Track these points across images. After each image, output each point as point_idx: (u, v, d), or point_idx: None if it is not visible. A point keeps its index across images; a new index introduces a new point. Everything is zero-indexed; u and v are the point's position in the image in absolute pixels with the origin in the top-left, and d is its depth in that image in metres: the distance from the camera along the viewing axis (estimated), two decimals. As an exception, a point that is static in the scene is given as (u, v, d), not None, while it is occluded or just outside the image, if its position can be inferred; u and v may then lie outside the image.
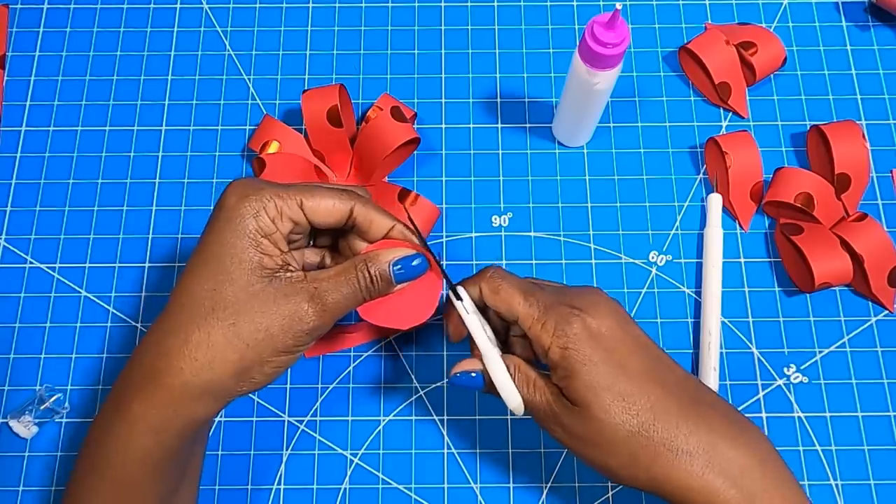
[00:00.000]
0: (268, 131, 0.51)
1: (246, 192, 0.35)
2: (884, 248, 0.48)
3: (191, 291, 0.34)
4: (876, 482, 0.45)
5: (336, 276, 0.36)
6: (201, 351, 0.34)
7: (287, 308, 0.34)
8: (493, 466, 0.46)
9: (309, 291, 0.35)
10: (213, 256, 0.34)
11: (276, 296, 0.34)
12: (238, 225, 0.34)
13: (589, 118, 0.50)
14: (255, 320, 0.34)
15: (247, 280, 0.34)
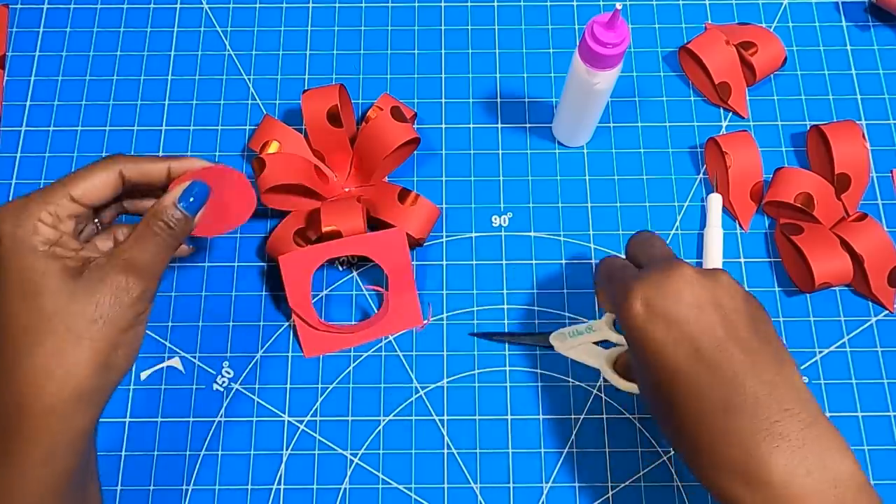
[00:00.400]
0: (268, 131, 0.51)
1: (16, 217, 0.35)
2: (884, 248, 0.48)
3: (13, 319, 0.34)
4: (876, 482, 0.45)
5: (136, 238, 0.36)
6: (53, 364, 0.33)
7: (107, 289, 0.35)
8: (493, 466, 0.46)
9: (119, 265, 0.35)
10: (16, 284, 0.34)
11: (92, 285, 0.35)
12: (23, 249, 0.35)
13: (589, 118, 0.50)
14: (87, 314, 0.34)
15: (59, 288, 0.34)
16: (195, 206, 0.38)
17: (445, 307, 0.49)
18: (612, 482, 0.46)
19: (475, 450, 0.46)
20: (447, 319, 0.49)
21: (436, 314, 0.49)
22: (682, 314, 0.34)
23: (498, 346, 0.48)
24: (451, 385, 0.48)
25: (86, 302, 0.34)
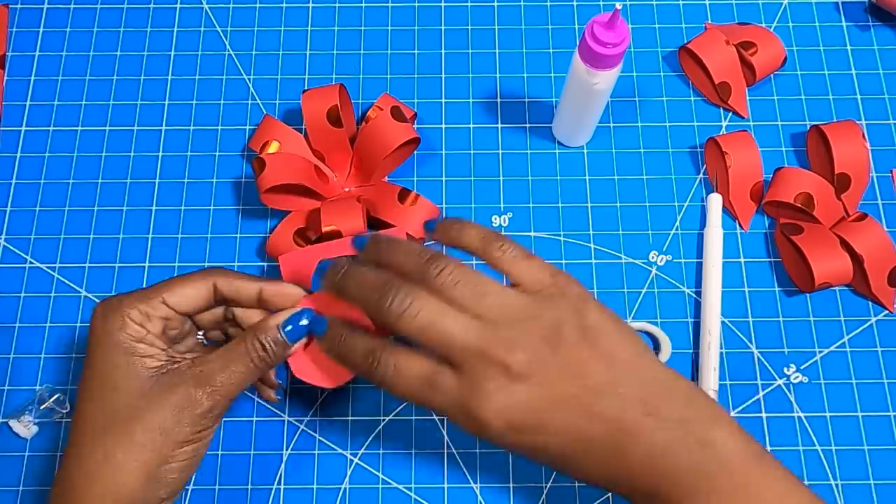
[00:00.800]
0: (268, 131, 0.51)
1: (106, 312, 0.36)
2: (884, 248, 0.48)
3: (84, 414, 0.35)
4: (876, 482, 0.45)
5: (223, 354, 0.36)
6: (107, 471, 0.34)
7: (175, 398, 0.35)
8: (493, 466, 0.46)
9: (194, 376, 0.35)
10: (96, 377, 0.35)
11: (163, 390, 0.35)
12: (108, 343, 0.35)
13: (589, 118, 0.50)
14: (148, 421, 0.34)
15: (136, 386, 0.35)
16: (296, 335, 0.37)
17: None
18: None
19: (475, 450, 0.46)
20: (447, 319, 0.49)
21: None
22: (543, 417, 0.32)
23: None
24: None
25: (153, 408, 0.34)
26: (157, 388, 0.35)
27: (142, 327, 0.36)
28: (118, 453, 0.34)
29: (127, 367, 0.35)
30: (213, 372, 0.36)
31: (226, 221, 0.51)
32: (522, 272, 0.35)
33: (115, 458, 0.34)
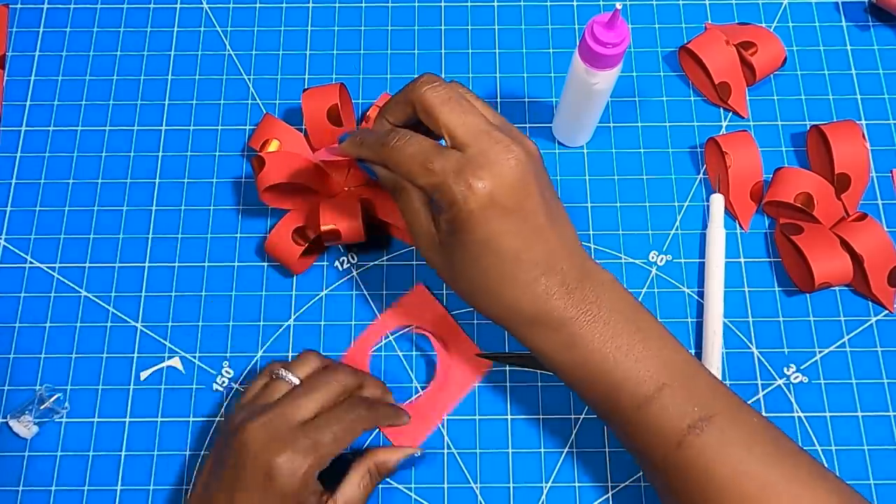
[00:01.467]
0: (268, 130, 0.51)
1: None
2: (884, 248, 0.48)
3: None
4: (876, 482, 0.45)
5: (345, 484, 0.41)
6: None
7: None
8: (493, 466, 0.46)
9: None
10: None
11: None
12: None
13: (589, 118, 0.50)
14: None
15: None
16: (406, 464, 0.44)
17: (445, 307, 0.49)
18: (612, 482, 0.46)
19: (475, 450, 0.46)
20: (447, 319, 0.49)
21: (436, 314, 0.49)
22: (518, 203, 0.36)
23: (498, 347, 0.48)
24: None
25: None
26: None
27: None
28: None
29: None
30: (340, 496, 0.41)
31: (226, 221, 0.51)
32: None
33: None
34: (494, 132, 0.36)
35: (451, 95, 0.37)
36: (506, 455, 0.46)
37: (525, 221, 0.36)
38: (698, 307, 0.49)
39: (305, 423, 0.39)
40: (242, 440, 0.38)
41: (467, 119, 0.36)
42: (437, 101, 0.36)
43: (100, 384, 0.47)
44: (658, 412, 0.37)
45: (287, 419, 0.39)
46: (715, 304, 0.48)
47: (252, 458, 0.38)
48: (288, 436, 0.38)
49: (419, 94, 0.37)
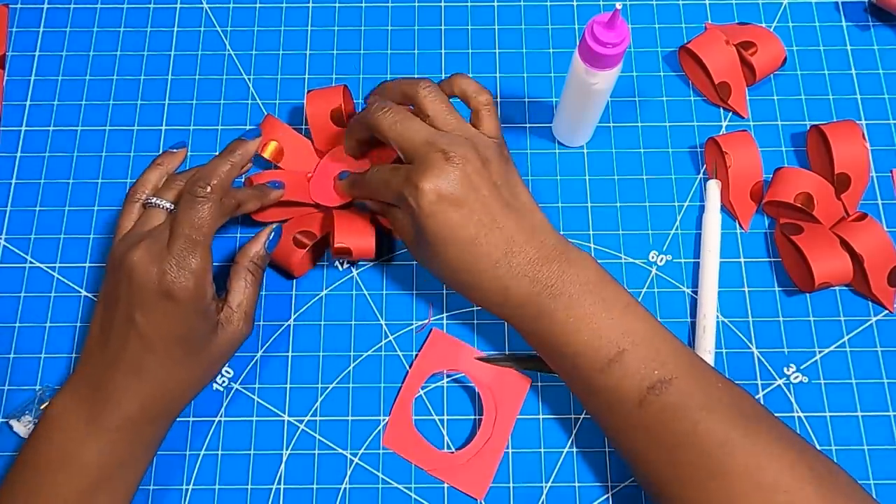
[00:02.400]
0: (269, 131, 0.51)
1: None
2: (884, 248, 0.48)
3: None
4: (876, 482, 0.45)
5: (234, 292, 0.45)
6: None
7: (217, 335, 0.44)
8: (493, 466, 0.46)
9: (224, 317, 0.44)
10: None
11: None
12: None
13: (589, 118, 0.50)
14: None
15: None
16: (273, 244, 0.46)
17: (446, 307, 0.49)
18: (612, 482, 0.46)
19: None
20: (447, 319, 0.49)
21: (436, 314, 0.49)
22: (462, 198, 0.41)
23: (498, 347, 0.48)
24: (450, 385, 0.48)
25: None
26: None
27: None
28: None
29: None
30: (231, 301, 0.44)
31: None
32: (485, 120, 0.44)
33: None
34: (438, 141, 0.41)
35: (397, 118, 0.42)
36: (506, 455, 0.46)
37: (475, 211, 0.41)
38: (697, 306, 0.49)
39: (171, 239, 0.41)
40: (129, 268, 0.40)
41: (412, 135, 0.42)
42: (385, 125, 0.43)
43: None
44: (619, 374, 0.40)
45: (160, 241, 0.41)
46: (709, 285, 0.48)
47: (143, 283, 0.40)
48: (162, 253, 0.41)
49: (371, 119, 0.43)
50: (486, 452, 0.46)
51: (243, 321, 0.44)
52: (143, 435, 0.42)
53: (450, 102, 0.44)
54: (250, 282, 0.45)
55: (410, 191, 0.41)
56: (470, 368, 0.47)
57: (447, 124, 0.43)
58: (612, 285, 0.42)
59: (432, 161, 0.41)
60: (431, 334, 0.48)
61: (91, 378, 0.41)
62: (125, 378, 0.41)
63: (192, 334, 0.42)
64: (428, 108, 0.43)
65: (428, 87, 0.43)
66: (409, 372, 0.47)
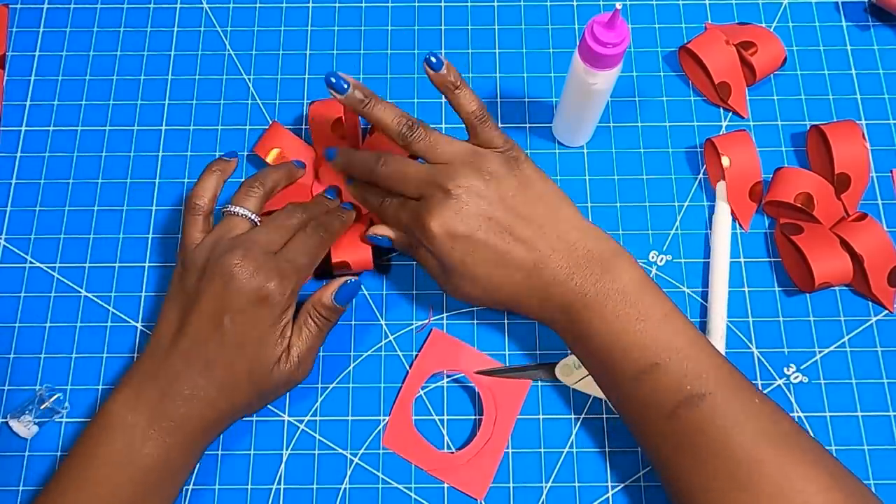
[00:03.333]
0: (273, 138, 0.51)
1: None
2: (884, 248, 0.48)
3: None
4: (876, 482, 0.45)
5: (298, 335, 0.43)
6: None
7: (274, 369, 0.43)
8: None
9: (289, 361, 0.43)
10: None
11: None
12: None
13: (589, 118, 0.50)
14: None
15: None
16: (344, 297, 0.44)
17: (446, 307, 0.49)
18: (612, 482, 0.46)
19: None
20: (447, 319, 0.49)
21: (436, 314, 0.49)
22: (472, 228, 0.41)
23: (498, 347, 0.48)
24: (450, 385, 0.48)
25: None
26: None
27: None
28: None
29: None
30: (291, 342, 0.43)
31: (226, 221, 0.51)
32: (481, 133, 0.44)
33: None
34: (435, 177, 0.42)
35: (393, 169, 0.44)
36: (506, 455, 0.46)
37: (491, 234, 0.41)
38: (698, 307, 0.49)
39: (278, 252, 0.43)
40: (229, 273, 0.40)
41: (411, 179, 0.43)
42: (383, 178, 0.44)
43: (100, 384, 0.47)
44: (650, 387, 0.39)
45: (264, 250, 0.42)
46: (720, 279, 0.48)
47: (240, 286, 0.40)
48: (271, 263, 0.41)
49: (371, 174, 0.45)
50: (487, 452, 0.46)
51: (296, 365, 0.43)
52: (197, 444, 0.41)
53: (437, 133, 0.44)
54: (312, 329, 0.43)
55: (421, 233, 0.42)
56: (470, 368, 0.47)
57: (442, 156, 0.43)
58: (650, 293, 0.41)
59: (435, 200, 0.42)
60: (431, 334, 0.48)
61: (158, 377, 0.41)
62: (196, 381, 0.40)
63: (263, 351, 0.41)
64: (418, 150, 0.44)
65: (415, 129, 0.43)
66: (409, 372, 0.47)
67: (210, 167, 0.45)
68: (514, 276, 0.42)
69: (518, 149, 0.44)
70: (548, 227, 0.42)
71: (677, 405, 0.38)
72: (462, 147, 0.44)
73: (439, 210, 0.41)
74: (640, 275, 0.41)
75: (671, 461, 0.39)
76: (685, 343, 0.39)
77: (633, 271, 0.41)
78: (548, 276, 0.41)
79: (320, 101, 0.51)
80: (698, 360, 0.39)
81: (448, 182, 0.42)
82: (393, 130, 0.43)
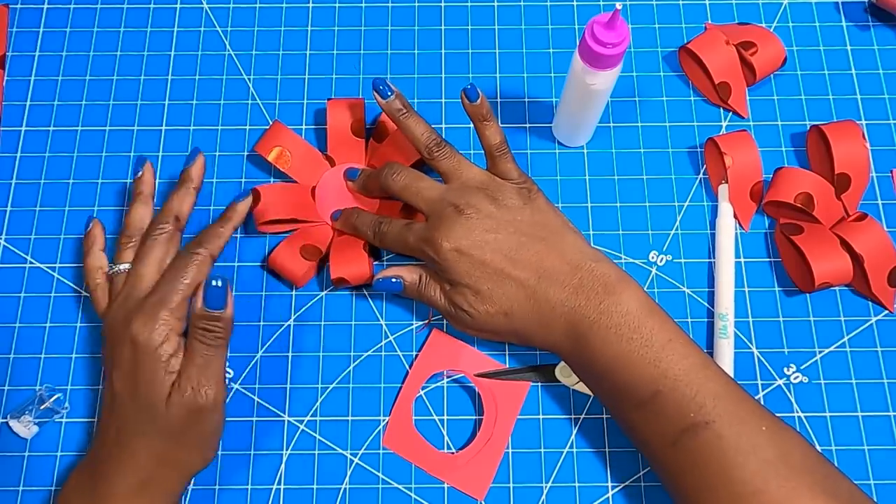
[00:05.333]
0: (275, 137, 0.51)
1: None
2: (884, 248, 0.48)
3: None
4: (876, 482, 0.45)
5: (186, 358, 0.41)
6: None
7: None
8: (493, 466, 0.46)
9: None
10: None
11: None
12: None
13: (589, 118, 0.50)
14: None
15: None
16: (214, 302, 0.41)
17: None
18: (612, 482, 0.46)
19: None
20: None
21: (436, 314, 0.49)
22: (478, 245, 0.43)
23: (498, 347, 0.48)
24: (450, 385, 0.48)
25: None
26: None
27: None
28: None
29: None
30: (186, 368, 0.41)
31: (226, 221, 0.51)
32: (499, 164, 0.46)
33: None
34: (448, 196, 0.44)
35: (406, 182, 0.46)
36: (507, 455, 0.46)
37: (498, 251, 0.43)
38: (698, 306, 0.49)
39: (150, 292, 0.42)
40: (107, 327, 0.42)
41: (425, 195, 0.45)
42: (397, 189, 0.46)
43: (100, 384, 0.47)
44: (653, 415, 0.39)
45: (134, 295, 0.43)
46: (726, 282, 0.48)
47: (118, 336, 0.41)
48: (138, 306, 0.42)
49: (386, 182, 0.46)
50: (487, 453, 0.46)
51: (192, 390, 0.40)
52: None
53: (461, 156, 0.46)
54: (197, 347, 0.41)
55: (430, 247, 0.43)
56: (470, 369, 0.47)
57: (461, 178, 0.45)
58: (655, 319, 0.40)
59: (446, 216, 0.43)
60: (431, 334, 0.48)
61: (97, 453, 0.41)
62: (119, 450, 0.40)
63: (153, 391, 0.40)
64: (441, 167, 0.46)
65: (440, 149, 0.46)
66: (409, 372, 0.47)
67: (86, 241, 0.47)
68: (517, 295, 0.42)
69: (532, 183, 0.46)
70: (552, 250, 0.43)
71: (680, 433, 0.38)
72: (481, 173, 0.46)
73: (449, 225, 0.43)
74: (644, 299, 0.41)
75: (678, 488, 0.39)
76: (689, 369, 0.39)
77: (637, 296, 0.41)
78: (552, 296, 0.41)
79: (338, 100, 0.51)
80: (703, 387, 0.39)
81: (461, 201, 0.44)
82: (421, 143, 0.46)
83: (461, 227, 0.43)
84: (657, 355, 0.39)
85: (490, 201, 0.44)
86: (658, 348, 0.39)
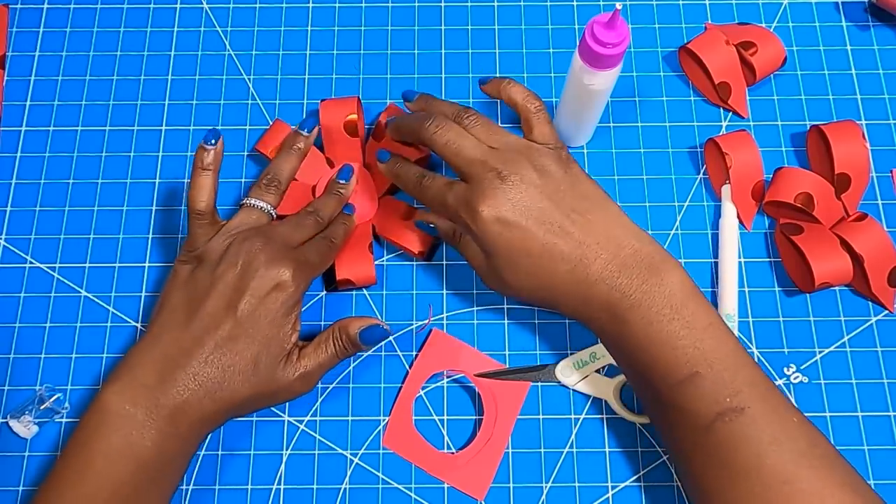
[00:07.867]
0: (277, 135, 0.51)
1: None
2: (884, 248, 0.48)
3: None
4: (876, 482, 0.45)
5: (314, 349, 0.44)
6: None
7: (281, 376, 0.43)
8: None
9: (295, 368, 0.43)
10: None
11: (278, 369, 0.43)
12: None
13: (589, 118, 0.50)
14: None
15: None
16: (369, 340, 0.45)
17: (445, 307, 0.49)
18: (612, 482, 0.46)
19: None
20: (447, 320, 0.49)
21: (436, 314, 0.49)
22: (523, 217, 0.41)
23: (498, 347, 0.48)
24: (450, 385, 0.48)
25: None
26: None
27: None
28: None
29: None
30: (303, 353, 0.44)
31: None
32: (535, 126, 0.44)
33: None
34: (491, 160, 0.42)
35: (450, 138, 0.44)
36: (506, 455, 0.46)
37: (540, 224, 0.41)
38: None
39: (296, 247, 0.44)
40: (250, 258, 0.42)
41: (466, 154, 0.43)
42: (440, 143, 0.44)
43: (100, 384, 0.47)
44: (689, 396, 0.39)
45: (283, 242, 0.44)
46: (729, 285, 0.48)
47: (260, 270, 0.42)
48: (290, 254, 0.43)
49: (425, 134, 0.44)
50: (487, 453, 0.46)
51: (302, 374, 0.43)
52: (193, 436, 0.41)
53: (494, 122, 0.45)
54: (329, 349, 0.44)
55: (469, 215, 0.42)
56: (470, 369, 0.47)
57: (498, 142, 0.44)
58: (696, 301, 0.40)
59: (488, 182, 0.42)
60: (431, 334, 0.48)
61: (157, 363, 0.41)
62: (201, 367, 0.40)
63: (274, 339, 0.42)
64: (475, 132, 0.44)
65: (471, 116, 0.45)
66: (409, 372, 0.47)
67: (198, 165, 0.45)
68: (558, 268, 0.41)
69: (564, 146, 0.45)
70: (596, 224, 0.42)
71: (715, 417, 0.38)
72: (517, 138, 0.44)
73: (492, 194, 0.41)
74: (686, 281, 0.41)
75: (704, 475, 0.39)
76: (727, 354, 0.39)
77: (680, 277, 0.40)
78: (593, 272, 0.41)
79: (331, 100, 0.51)
80: (739, 373, 0.39)
81: (503, 167, 0.42)
82: (450, 112, 0.45)
83: (503, 196, 0.41)
84: (698, 336, 0.39)
85: (532, 169, 0.42)
86: (699, 331, 0.39)
